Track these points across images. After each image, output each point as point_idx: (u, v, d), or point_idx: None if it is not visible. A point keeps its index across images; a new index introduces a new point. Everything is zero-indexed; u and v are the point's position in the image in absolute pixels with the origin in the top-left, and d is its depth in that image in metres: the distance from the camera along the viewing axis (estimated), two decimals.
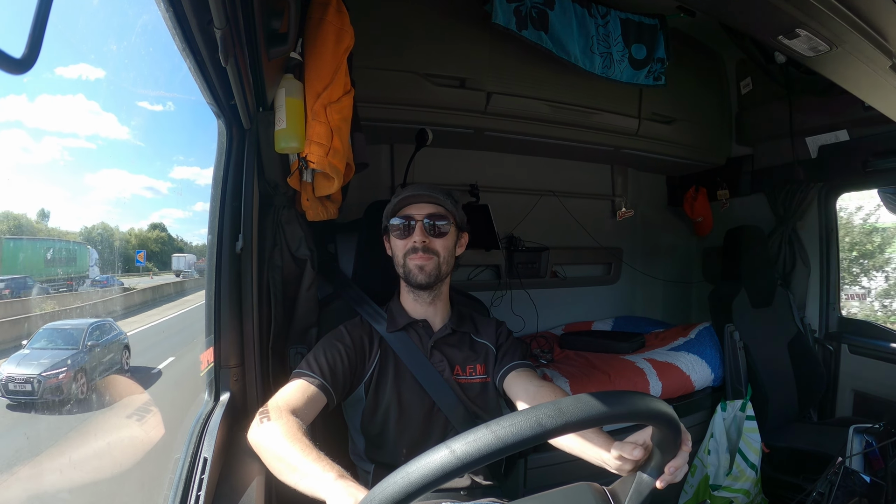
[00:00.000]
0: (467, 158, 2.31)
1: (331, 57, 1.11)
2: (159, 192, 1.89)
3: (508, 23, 1.61)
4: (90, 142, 1.37)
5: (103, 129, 1.32)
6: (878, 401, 2.04)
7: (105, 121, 1.32)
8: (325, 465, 0.74)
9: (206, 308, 1.06)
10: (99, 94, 1.14)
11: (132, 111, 1.33)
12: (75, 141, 1.23)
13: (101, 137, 1.38)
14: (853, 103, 1.86)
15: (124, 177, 1.76)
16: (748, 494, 1.78)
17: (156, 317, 2.11)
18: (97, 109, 1.30)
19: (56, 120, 1.13)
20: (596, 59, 1.81)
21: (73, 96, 1.13)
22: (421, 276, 1.08)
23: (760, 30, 1.05)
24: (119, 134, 1.43)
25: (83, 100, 1.18)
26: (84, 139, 1.34)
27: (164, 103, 1.37)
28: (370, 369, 1.08)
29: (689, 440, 0.69)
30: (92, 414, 1.20)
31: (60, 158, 1.25)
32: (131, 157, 1.55)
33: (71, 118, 1.21)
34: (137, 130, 1.49)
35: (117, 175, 1.67)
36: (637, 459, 0.70)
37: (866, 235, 4.13)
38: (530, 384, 1.03)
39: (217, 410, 0.97)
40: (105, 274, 1.33)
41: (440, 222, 1.09)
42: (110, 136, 1.36)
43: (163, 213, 2.15)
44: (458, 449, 0.50)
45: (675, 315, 2.91)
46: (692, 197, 2.72)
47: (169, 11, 0.68)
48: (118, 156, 1.58)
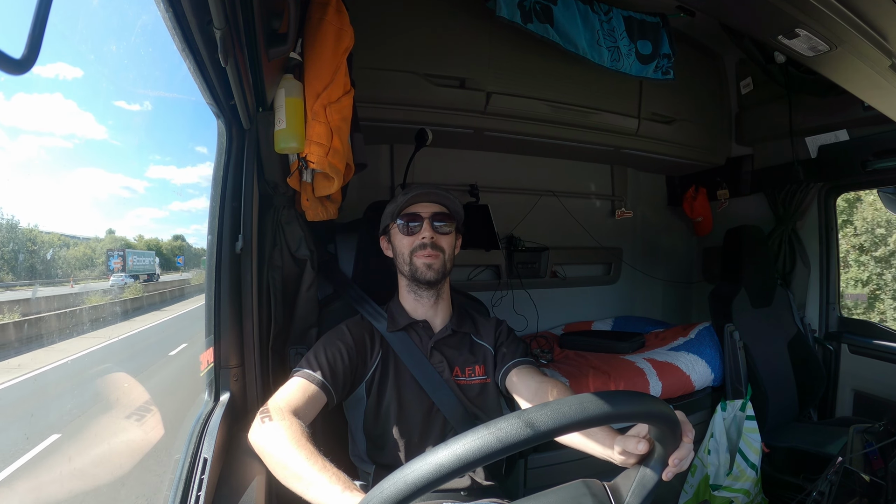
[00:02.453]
0: (467, 158, 2.31)
1: (330, 57, 1.11)
2: (135, 190, 1.87)
3: (513, 16, 1.60)
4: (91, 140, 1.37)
5: (96, 129, 1.32)
6: (878, 401, 2.05)
7: (99, 120, 1.32)
8: (332, 476, 0.73)
9: (206, 308, 1.05)
10: (100, 93, 1.14)
11: (135, 110, 1.32)
12: (58, 141, 1.22)
13: (98, 138, 1.38)
14: (853, 103, 1.87)
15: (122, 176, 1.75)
16: (748, 494, 1.78)
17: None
18: (98, 109, 1.29)
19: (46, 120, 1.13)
20: (604, 53, 1.80)
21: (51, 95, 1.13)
22: (429, 273, 1.09)
23: (760, 30, 1.05)
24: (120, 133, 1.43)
25: (70, 100, 1.18)
26: (82, 139, 1.34)
27: (164, 101, 1.37)
28: (372, 368, 1.08)
29: (690, 430, 0.68)
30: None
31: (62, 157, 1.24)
32: (115, 157, 1.53)
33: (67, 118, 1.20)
34: (137, 130, 1.48)
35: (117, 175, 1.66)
36: (642, 453, 0.69)
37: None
38: (532, 381, 1.03)
39: (217, 410, 0.97)
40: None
41: (445, 222, 1.12)
42: (98, 137, 1.36)
43: (138, 212, 2.12)
44: (458, 449, 0.50)
45: (675, 315, 2.91)
46: (692, 197, 2.72)
47: (168, 12, 0.68)
48: (116, 155, 1.57)
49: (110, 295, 1.47)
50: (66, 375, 1.09)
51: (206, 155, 1.63)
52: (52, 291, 1.12)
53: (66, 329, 1.14)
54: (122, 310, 1.50)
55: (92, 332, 1.20)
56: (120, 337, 1.41)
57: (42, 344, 1.06)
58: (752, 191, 2.51)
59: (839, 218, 3.41)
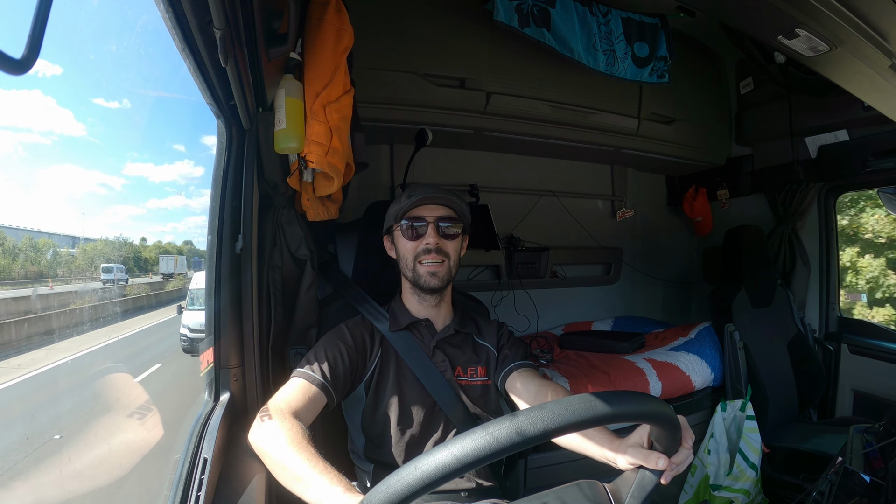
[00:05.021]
0: (467, 158, 2.31)
1: (330, 56, 1.11)
2: (110, 188, 1.88)
3: (510, 20, 1.61)
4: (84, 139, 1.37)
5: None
6: (878, 401, 2.05)
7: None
8: (332, 478, 0.73)
9: (205, 308, 1.05)
10: (100, 93, 1.14)
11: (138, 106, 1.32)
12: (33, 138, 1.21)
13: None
14: (853, 103, 1.87)
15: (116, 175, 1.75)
16: (748, 494, 1.78)
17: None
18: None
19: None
20: (599, 57, 1.80)
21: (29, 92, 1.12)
22: (433, 281, 1.08)
23: (760, 30, 1.05)
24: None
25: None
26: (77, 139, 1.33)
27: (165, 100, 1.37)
28: (371, 368, 1.08)
29: (691, 437, 0.69)
30: None
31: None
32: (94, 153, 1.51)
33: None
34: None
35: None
36: (663, 469, 0.67)
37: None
38: (531, 384, 1.02)
39: (217, 410, 0.97)
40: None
41: (451, 224, 1.09)
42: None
43: (113, 209, 2.19)
44: (458, 450, 0.50)
45: (675, 315, 2.91)
46: (692, 197, 2.72)
47: (168, 12, 0.68)
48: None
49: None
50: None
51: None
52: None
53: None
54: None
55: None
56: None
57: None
58: (752, 191, 2.51)
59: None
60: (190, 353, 1.84)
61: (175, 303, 2.33)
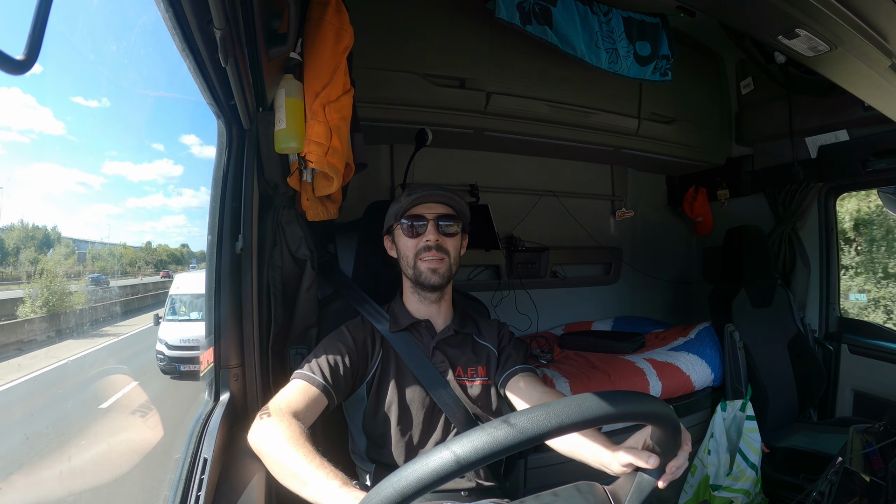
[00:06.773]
0: (467, 158, 2.31)
1: (330, 56, 1.11)
2: (91, 187, 1.84)
3: (512, 18, 1.61)
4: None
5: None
6: (878, 401, 2.05)
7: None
8: (329, 473, 0.73)
9: (205, 308, 1.05)
10: (101, 92, 1.14)
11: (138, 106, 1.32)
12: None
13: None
14: (853, 103, 1.87)
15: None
16: (748, 494, 1.78)
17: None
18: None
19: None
20: (602, 55, 1.80)
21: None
22: (434, 277, 1.08)
23: (760, 30, 1.05)
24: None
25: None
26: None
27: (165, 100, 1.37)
28: (372, 369, 1.08)
29: (689, 440, 0.69)
30: None
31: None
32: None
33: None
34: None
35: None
36: (654, 468, 0.68)
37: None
38: (533, 390, 1.03)
39: (217, 410, 0.97)
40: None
41: (451, 223, 1.10)
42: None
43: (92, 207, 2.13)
44: (458, 451, 0.51)
45: (675, 315, 2.91)
46: (692, 197, 2.72)
47: (168, 12, 0.68)
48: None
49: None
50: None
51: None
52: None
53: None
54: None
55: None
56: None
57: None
58: (752, 191, 2.51)
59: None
60: (169, 375, 1.56)
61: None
